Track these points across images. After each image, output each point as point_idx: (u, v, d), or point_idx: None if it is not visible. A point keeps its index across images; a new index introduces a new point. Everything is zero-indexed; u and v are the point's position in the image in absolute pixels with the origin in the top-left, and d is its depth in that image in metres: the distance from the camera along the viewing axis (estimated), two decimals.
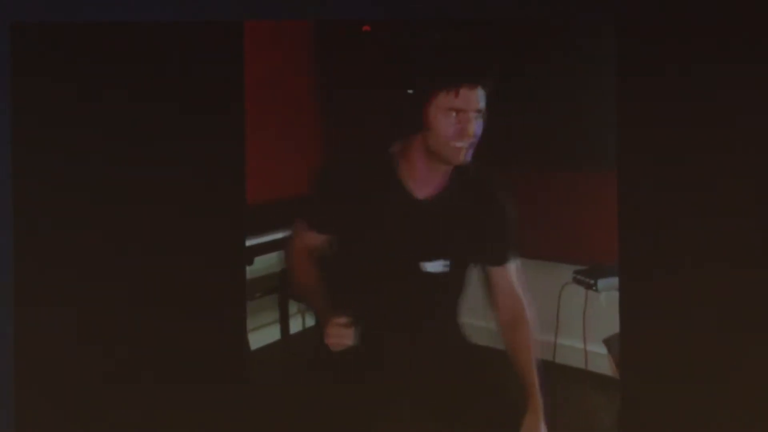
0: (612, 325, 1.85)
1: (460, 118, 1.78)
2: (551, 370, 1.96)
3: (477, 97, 1.78)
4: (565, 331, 2.06)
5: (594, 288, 1.97)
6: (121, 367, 1.79)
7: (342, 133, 2.18)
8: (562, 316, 2.05)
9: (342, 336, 1.79)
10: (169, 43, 1.78)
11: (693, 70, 1.79)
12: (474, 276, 1.92)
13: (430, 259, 1.84)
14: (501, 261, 1.89)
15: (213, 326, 1.81)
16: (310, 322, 2.10)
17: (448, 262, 1.84)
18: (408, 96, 1.80)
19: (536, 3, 1.84)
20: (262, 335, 2.04)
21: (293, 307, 2.11)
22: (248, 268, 1.92)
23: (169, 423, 1.80)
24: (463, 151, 1.79)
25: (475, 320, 1.95)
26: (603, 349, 1.95)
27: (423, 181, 1.84)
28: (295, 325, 2.10)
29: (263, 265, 1.98)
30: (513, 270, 1.90)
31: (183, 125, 1.79)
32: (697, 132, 1.80)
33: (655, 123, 1.81)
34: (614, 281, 1.85)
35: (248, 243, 1.94)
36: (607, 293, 1.94)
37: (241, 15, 1.80)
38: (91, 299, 1.78)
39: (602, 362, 1.98)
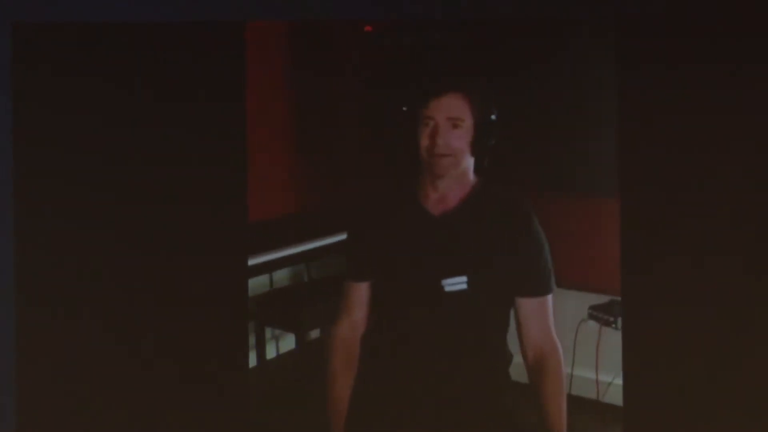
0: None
1: (431, 127, 1.77)
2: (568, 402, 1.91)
3: (448, 106, 1.76)
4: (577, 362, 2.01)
5: (614, 325, 1.92)
6: (122, 370, 1.78)
7: (349, 137, 2.18)
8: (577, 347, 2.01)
9: None
10: (170, 43, 1.77)
11: (699, 81, 1.78)
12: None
13: (448, 275, 1.78)
14: (529, 292, 1.79)
15: (214, 327, 1.81)
16: (285, 347, 2.11)
17: (465, 279, 1.78)
18: (403, 113, 1.82)
19: (537, 3, 1.84)
20: None
21: (268, 332, 2.11)
22: None
23: (170, 424, 1.79)
24: (440, 160, 1.77)
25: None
26: (618, 380, 1.88)
27: (437, 198, 1.82)
28: (270, 351, 2.10)
29: None
30: (543, 305, 1.79)
31: (184, 125, 1.78)
32: (702, 139, 1.79)
33: (660, 139, 1.79)
34: None
35: None
36: None
37: (242, 15, 1.80)
38: (91, 301, 1.77)
39: (617, 393, 1.90)
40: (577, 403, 1.99)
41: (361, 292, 1.84)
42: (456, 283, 1.78)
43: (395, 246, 1.81)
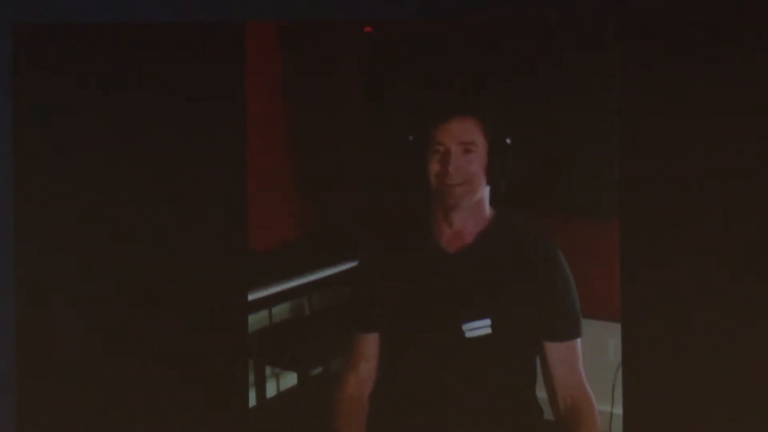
0: None
1: (441, 153, 1.65)
2: None
3: (459, 130, 1.65)
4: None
5: None
6: (121, 372, 1.77)
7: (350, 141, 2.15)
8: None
9: None
10: (170, 44, 1.78)
11: (703, 86, 1.75)
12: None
13: (468, 319, 1.64)
14: (559, 335, 1.65)
15: (214, 329, 1.79)
16: (285, 384, 2.06)
17: (488, 322, 1.64)
18: (410, 143, 1.72)
19: (537, 5, 1.83)
20: None
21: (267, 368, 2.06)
22: None
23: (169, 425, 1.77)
24: (454, 189, 1.65)
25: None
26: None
27: (451, 234, 1.68)
28: (270, 389, 2.06)
29: None
30: (574, 348, 1.66)
31: (184, 125, 1.78)
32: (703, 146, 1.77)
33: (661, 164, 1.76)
34: None
35: None
36: None
37: (243, 16, 1.80)
38: (91, 302, 1.76)
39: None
40: None
41: (369, 345, 1.71)
42: (479, 327, 1.64)
43: (408, 291, 1.68)
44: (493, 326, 1.64)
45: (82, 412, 1.75)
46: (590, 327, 1.83)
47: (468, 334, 1.64)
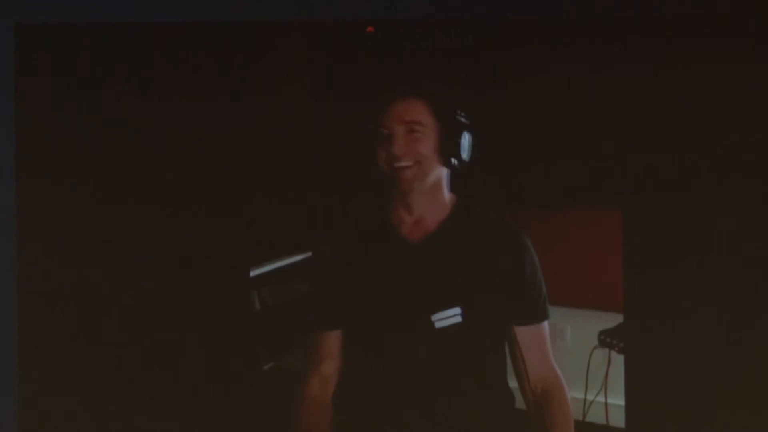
0: None
1: (386, 134, 1.60)
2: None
3: (402, 111, 1.60)
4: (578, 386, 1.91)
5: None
6: (123, 372, 1.77)
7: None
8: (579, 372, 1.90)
9: None
10: (173, 44, 1.78)
11: (705, 85, 1.75)
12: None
13: (437, 309, 1.60)
14: (528, 319, 1.63)
15: (216, 330, 1.78)
16: None
17: (459, 311, 1.60)
18: (356, 131, 1.66)
19: (537, 5, 1.84)
20: None
21: None
22: None
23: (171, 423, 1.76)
24: (403, 173, 1.59)
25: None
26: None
27: (412, 223, 1.64)
28: None
29: None
30: (543, 332, 1.64)
31: (186, 125, 1.78)
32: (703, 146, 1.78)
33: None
34: None
35: None
36: None
37: (244, 16, 1.80)
38: (93, 303, 1.76)
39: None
40: (587, 429, 1.89)
41: (331, 343, 1.65)
42: (449, 317, 1.60)
43: (372, 284, 1.62)
44: (463, 314, 1.60)
45: (84, 411, 1.76)
46: (597, 318, 1.83)
47: (438, 325, 1.60)
